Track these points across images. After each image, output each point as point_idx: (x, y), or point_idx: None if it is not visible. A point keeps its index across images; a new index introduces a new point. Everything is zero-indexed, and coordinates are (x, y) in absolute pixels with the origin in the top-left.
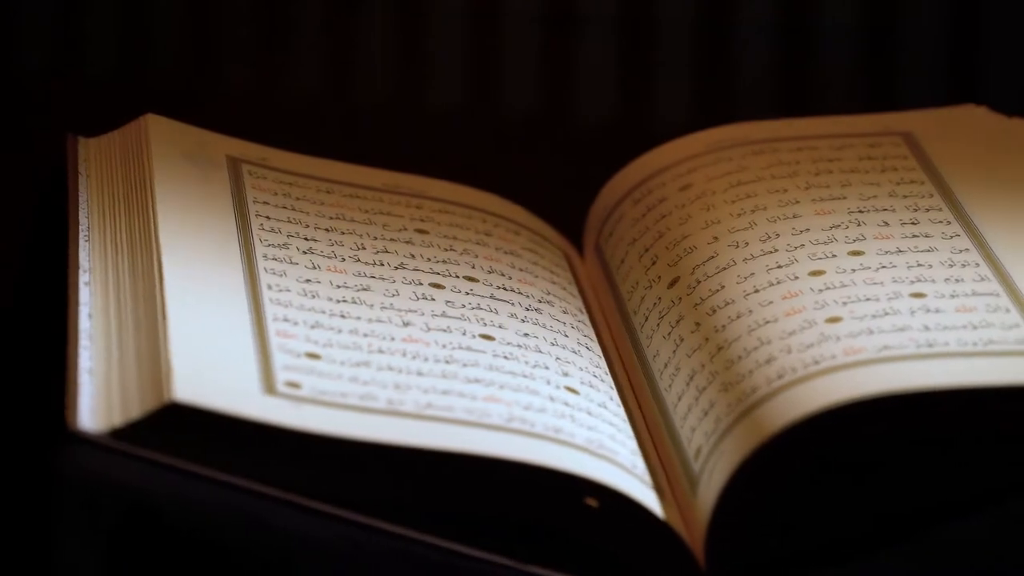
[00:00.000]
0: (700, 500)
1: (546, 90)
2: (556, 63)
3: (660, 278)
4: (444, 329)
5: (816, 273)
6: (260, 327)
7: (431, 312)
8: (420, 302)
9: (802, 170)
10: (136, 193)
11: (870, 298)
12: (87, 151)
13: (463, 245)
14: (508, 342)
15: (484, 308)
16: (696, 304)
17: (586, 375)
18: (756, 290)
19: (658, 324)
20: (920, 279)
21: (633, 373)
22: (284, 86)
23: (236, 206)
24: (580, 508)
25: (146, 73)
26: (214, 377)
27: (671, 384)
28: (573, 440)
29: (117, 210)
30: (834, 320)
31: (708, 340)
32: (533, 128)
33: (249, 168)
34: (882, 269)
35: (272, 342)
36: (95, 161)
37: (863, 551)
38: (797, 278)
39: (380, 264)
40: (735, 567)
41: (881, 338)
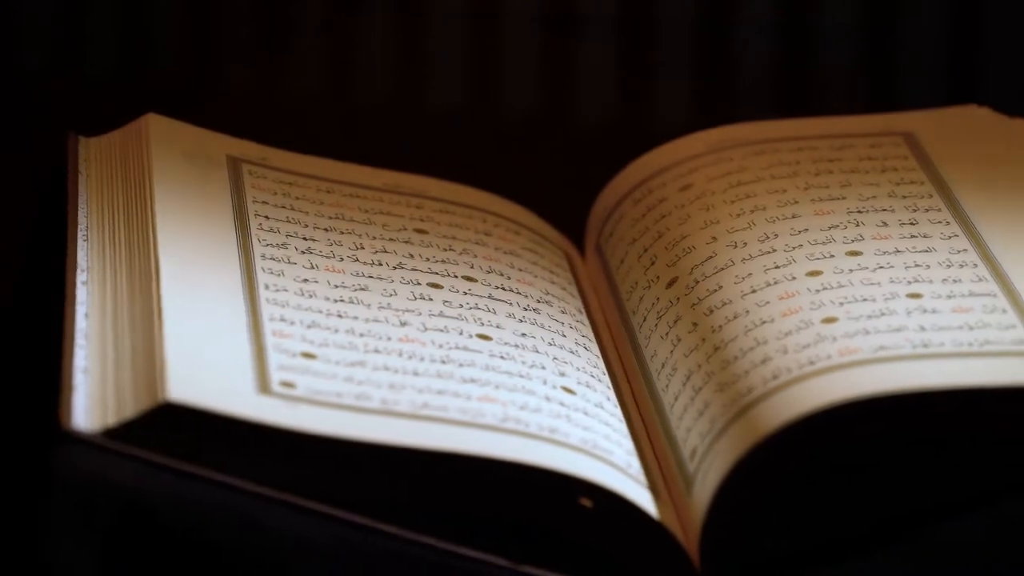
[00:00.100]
0: (695, 500)
1: (546, 90)
2: (556, 63)
3: (659, 278)
4: (441, 329)
5: (813, 273)
6: (256, 327)
7: (428, 312)
8: (418, 302)
9: (802, 170)
10: (135, 193)
11: (867, 298)
12: (88, 150)
13: (462, 245)
14: (505, 342)
15: (482, 308)
16: (694, 304)
17: (583, 375)
18: (753, 290)
19: (656, 324)
20: (917, 279)
21: (632, 373)
22: (284, 86)
23: (235, 206)
24: (574, 508)
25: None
26: (208, 377)
27: (668, 384)
28: (568, 440)
29: (116, 209)
30: (830, 320)
31: (705, 340)
32: (533, 128)
33: (249, 168)
34: (879, 269)
35: (268, 342)
36: (95, 160)
37: (858, 551)
38: (794, 278)
39: (378, 264)
40: (730, 567)
41: (877, 338)
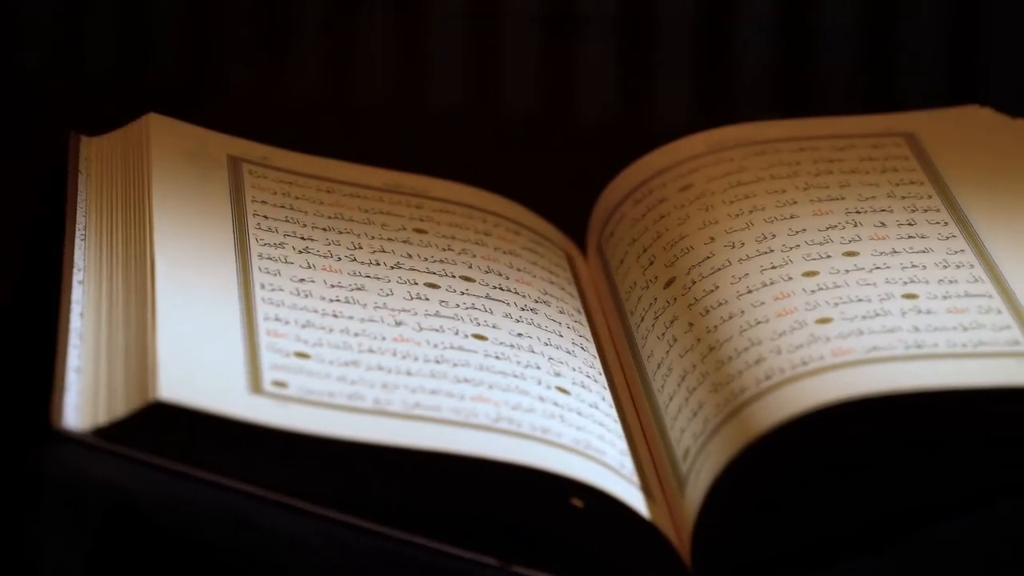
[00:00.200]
0: (687, 500)
1: (546, 90)
2: (556, 63)
3: (657, 278)
4: (436, 329)
5: (810, 274)
6: (250, 326)
7: (424, 312)
8: (414, 302)
9: (802, 171)
10: (134, 192)
11: (862, 299)
12: (88, 150)
13: (461, 245)
14: (501, 342)
15: (479, 308)
16: (690, 304)
17: (579, 375)
18: (749, 290)
19: (653, 324)
20: (913, 280)
21: (630, 373)
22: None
23: (234, 205)
24: (566, 508)
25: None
26: (200, 376)
27: (663, 384)
28: (560, 440)
29: (115, 209)
30: (824, 321)
31: (700, 341)
32: (533, 128)
33: (250, 167)
34: (876, 270)
35: (262, 341)
36: (96, 160)
37: (851, 552)
38: (790, 279)
39: (376, 264)
40: (722, 568)
41: (871, 339)
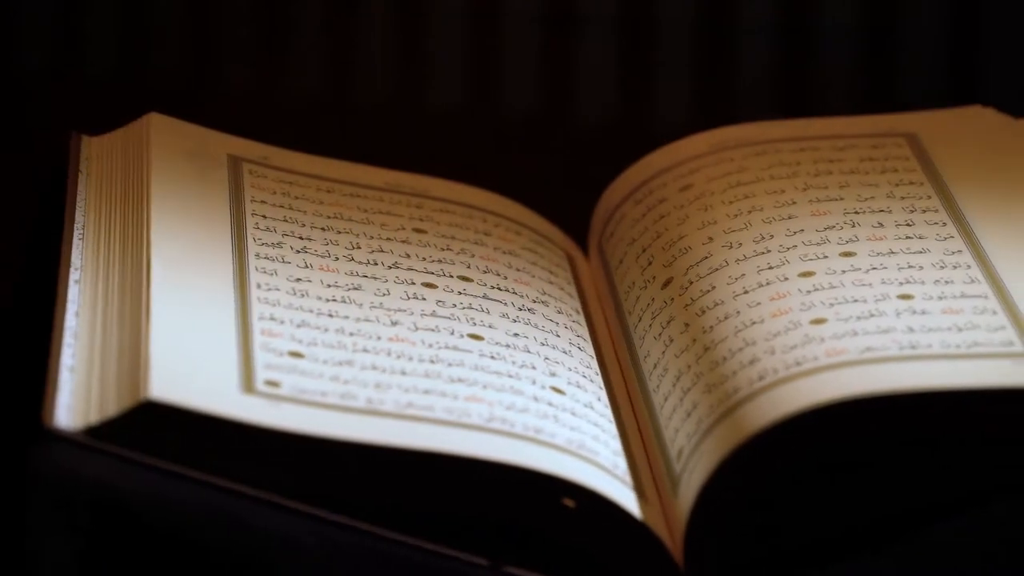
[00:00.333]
0: (680, 501)
1: (546, 90)
2: (556, 63)
3: (655, 278)
4: (432, 329)
5: (806, 274)
6: (245, 326)
7: (420, 312)
8: (410, 301)
9: (802, 171)
10: (133, 191)
11: (857, 299)
12: (89, 149)
13: (460, 245)
14: (497, 342)
15: (475, 308)
16: (687, 305)
17: (574, 375)
18: (746, 291)
19: (650, 325)
20: (909, 280)
21: (627, 373)
22: (284, 86)
23: (233, 205)
24: (558, 508)
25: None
26: (193, 376)
27: (659, 385)
28: (553, 440)
29: (113, 208)
30: (819, 321)
31: (695, 341)
32: (533, 128)
33: (250, 167)
34: (872, 271)
35: (256, 341)
36: (96, 159)
37: (845, 552)
38: (786, 279)
39: (374, 264)
40: (714, 568)
41: (864, 340)
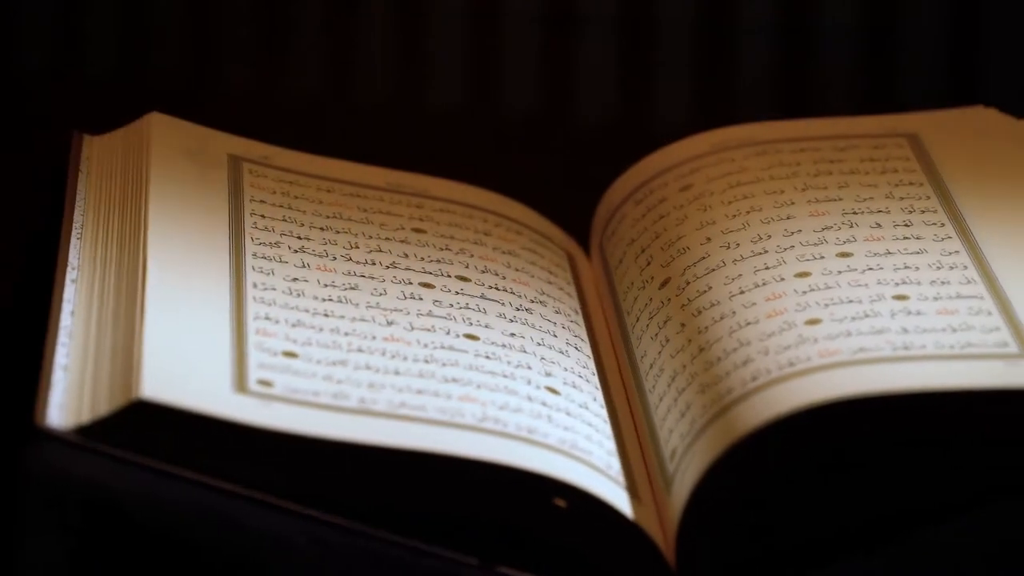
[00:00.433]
0: (673, 501)
1: (546, 90)
2: (556, 63)
3: (653, 278)
4: (428, 328)
5: (802, 275)
6: (239, 325)
7: (417, 311)
8: (407, 301)
9: (802, 171)
10: (132, 191)
11: (852, 300)
12: (90, 149)
13: (459, 244)
14: (493, 342)
15: (472, 308)
16: (683, 305)
17: (570, 375)
18: (742, 291)
19: (647, 325)
20: (905, 281)
21: (625, 374)
22: (284, 86)
23: (232, 204)
24: (550, 508)
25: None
26: (185, 375)
27: (654, 385)
28: (546, 440)
29: (112, 207)
30: (814, 322)
31: (691, 341)
32: (533, 128)
33: (250, 167)
34: (868, 271)
35: (250, 340)
36: (97, 159)
37: (838, 553)
38: (783, 279)
39: (371, 263)
40: (707, 568)
41: (858, 340)
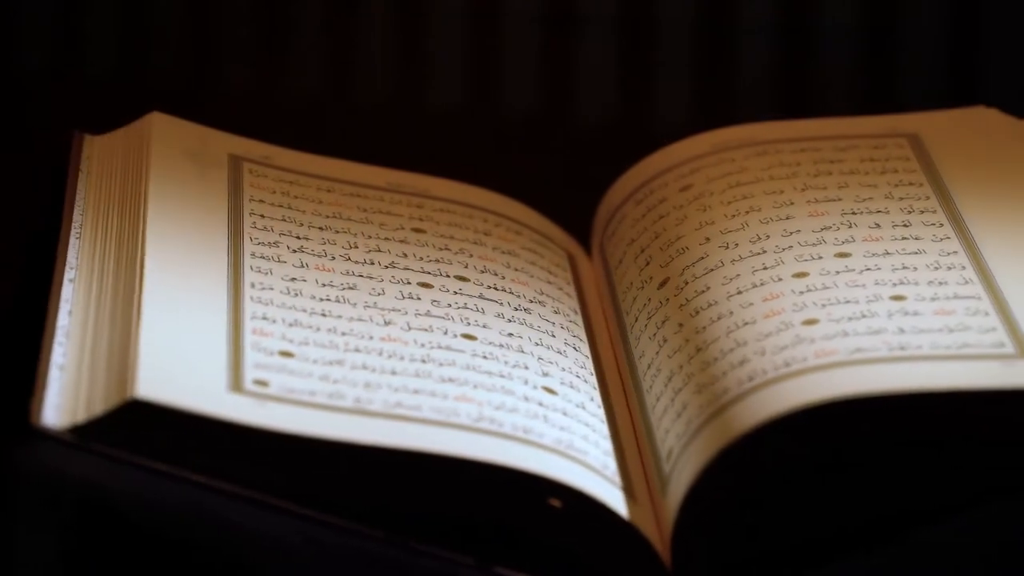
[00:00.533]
0: (669, 501)
1: (546, 90)
2: (556, 63)
3: (652, 278)
4: (425, 328)
5: (800, 275)
6: (236, 325)
7: (415, 311)
8: (405, 301)
9: (802, 171)
10: (131, 190)
11: (849, 300)
12: (91, 148)
13: (459, 244)
14: (490, 342)
15: (471, 308)
16: (681, 305)
17: (568, 375)
18: (739, 291)
19: (646, 325)
20: (903, 281)
21: (624, 374)
22: (284, 86)
23: (231, 204)
24: (545, 508)
25: (146, 73)
26: (181, 375)
27: (652, 385)
28: (541, 440)
29: (111, 207)
30: (811, 322)
31: (688, 341)
32: (533, 128)
33: (250, 166)
34: (866, 271)
35: (246, 340)
36: (97, 158)
37: (835, 553)
38: (780, 280)
39: (370, 263)
40: (703, 569)
41: (855, 341)
